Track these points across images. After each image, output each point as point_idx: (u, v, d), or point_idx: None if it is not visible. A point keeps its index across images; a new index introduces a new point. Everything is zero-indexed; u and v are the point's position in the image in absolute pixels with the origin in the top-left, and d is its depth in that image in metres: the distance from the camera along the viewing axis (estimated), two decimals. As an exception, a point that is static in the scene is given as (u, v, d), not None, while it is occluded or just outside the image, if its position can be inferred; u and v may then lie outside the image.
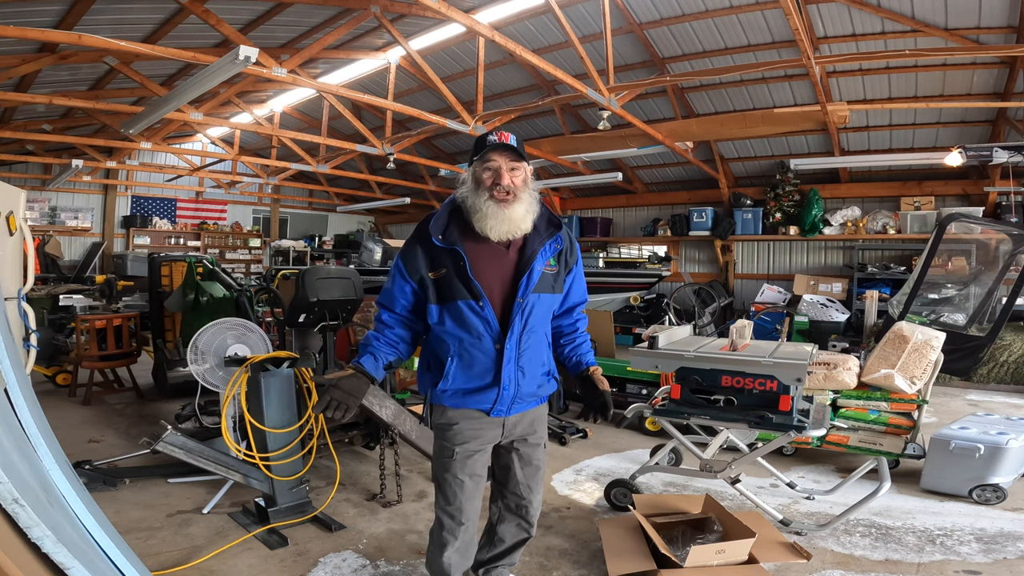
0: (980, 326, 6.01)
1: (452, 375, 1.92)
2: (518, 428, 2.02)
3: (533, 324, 1.91)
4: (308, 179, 13.14)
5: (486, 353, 1.89)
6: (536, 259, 1.89)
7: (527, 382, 1.95)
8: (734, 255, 9.92)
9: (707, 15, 6.39)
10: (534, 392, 1.99)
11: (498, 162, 1.86)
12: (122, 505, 3.21)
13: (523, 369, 1.92)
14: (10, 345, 1.26)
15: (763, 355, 2.78)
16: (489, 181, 1.86)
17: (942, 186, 8.20)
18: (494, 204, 1.83)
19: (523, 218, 1.87)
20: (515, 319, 1.87)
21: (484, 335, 1.87)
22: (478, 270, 1.86)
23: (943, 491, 3.47)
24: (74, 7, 5.08)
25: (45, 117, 8.45)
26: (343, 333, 5.33)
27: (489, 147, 1.85)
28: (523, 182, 1.89)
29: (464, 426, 1.96)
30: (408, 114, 6.75)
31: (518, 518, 2.14)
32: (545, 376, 2.03)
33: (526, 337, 1.91)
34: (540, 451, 2.11)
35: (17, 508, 0.78)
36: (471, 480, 1.98)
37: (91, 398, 5.42)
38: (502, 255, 1.90)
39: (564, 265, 1.99)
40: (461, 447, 1.95)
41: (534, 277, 1.88)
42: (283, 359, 3.16)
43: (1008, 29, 5.71)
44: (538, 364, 1.98)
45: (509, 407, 1.95)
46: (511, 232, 1.87)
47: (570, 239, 2.02)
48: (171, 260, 6.04)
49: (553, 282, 1.96)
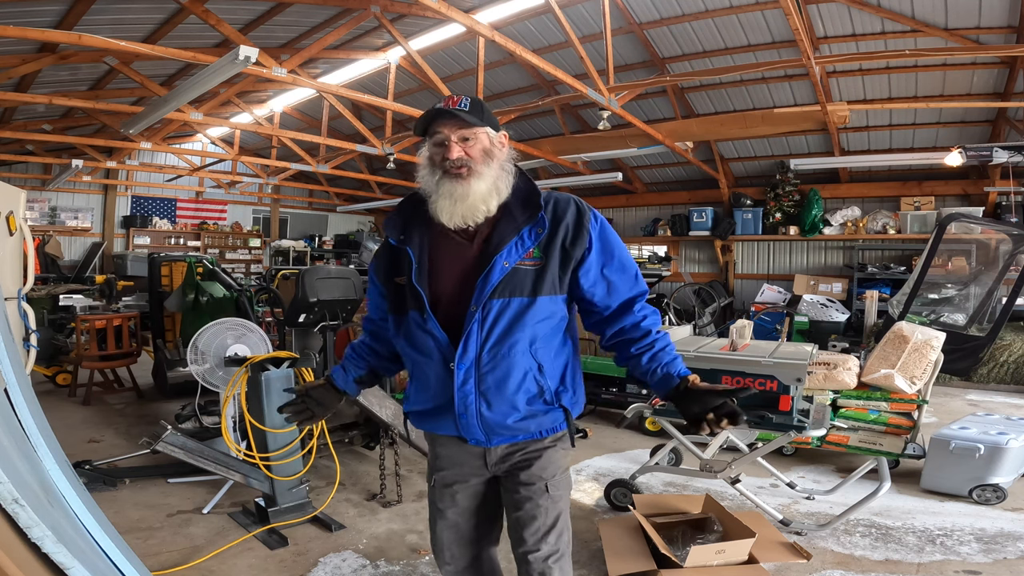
0: (980, 326, 6.01)
1: (412, 394, 1.64)
2: (507, 461, 1.60)
3: (502, 339, 1.47)
4: (308, 179, 13.14)
5: (436, 375, 1.53)
6: (501, 252, 1.46)
7: (497, 412, 1.51)
8: (734, 255, 9.91)
9: (707, 15, 6.39)
10: (514, 425, 1.53)
11: (444, 132, 1.47)
12: (122, 505, 3.21)
13: (486, 396, 1.50)
14: (10, 345, 1.26)
15: (763, 355, 2.79)
16: (439, 157, 1.49)
17: (942, 186, 8.20)
18: (447, 181, 1.47)
19: (484, 197, 1.47)
20: (470, 332, 1.46)
21: (433, 352, 1.51)
22: (436, 272, 1.52)
23: (943, 491, 3.47)
24: (74, 7, 5.07)
25: (45, 117, 8.45)
26: (343, 333, 5.33)
27: (432, 115, 1.48)
28: (482, 152, 1.49)
29: (439, 452, 1.67)
30: (408, 114, 6.75)
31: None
32: (536, 405, 1.53)
33: (492, 354, 1.48)
34: (538, 495, 1.57)
35: (17, 508, 0.78)
36: (453, 514, 1.64)
37: (91, 398, 5.43)
38: (464, 250, 1.52)
39: (561, 255, 1.52)
40: (438, 475, 1.66)
41: (493, 276, 1.46)
42: (283, 359, 3.16)
43: (1008, 29, 5.71)
44: (518, 389, 1.51)
45: (487, 436, 1.54)
46: (467, 214, 1.47)
47: (572, 219, 1.54)
48: (171, 260, 6.05)
49: (535, 280, 1.49)
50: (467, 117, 1.47)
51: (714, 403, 1.42)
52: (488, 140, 1.51)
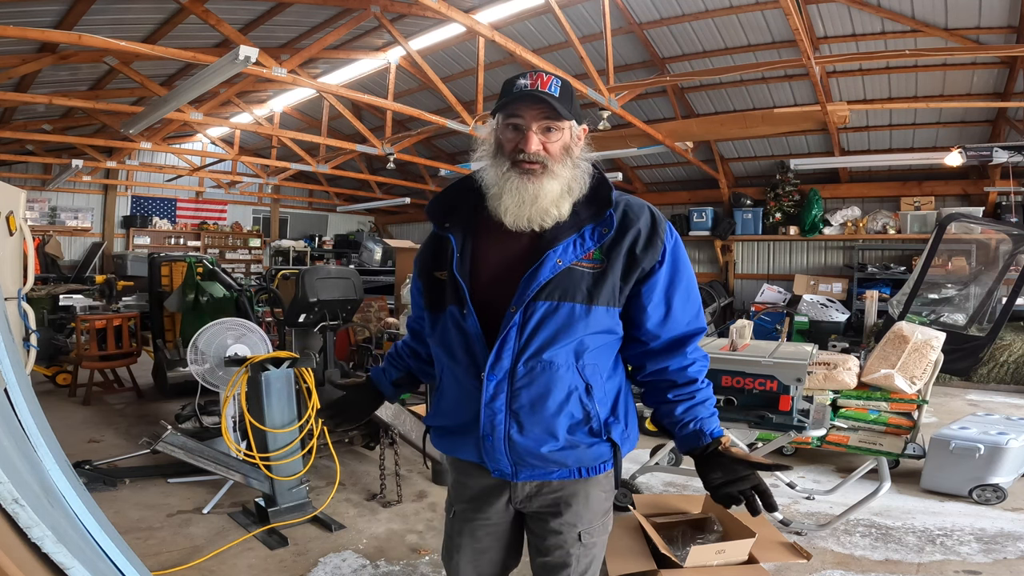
0: (980, 326, 6.02)
1: (435, 406, 1.43)
2: (535, 502, 1.35)
3: (544, 349, 1.24)
4: (308, 179, 13.14)
5: (463, 386, 1.31)
6: (556, 247, 1.24)
7: (529, 437, 1.26)
8: (734, 255, 9.92)
9: (707, 15, 6.39)
10: (549, 456, 1.28)
11: (526, 118, 1.25)
12: (122, 505, 3.21)
13: (518, 416, 1.26)
14: (10, 345, 1.26)
15: (763, 355, 2.78)
16: (511, 145, 1.26)
17: (942, 186, 8.20)
18: (516, 176, 1.25)
19: (556, 200, 1.26)
20: (505, 338, 1.24)
21: (464, 357, 1.29)
22: (478, 263, 1.31)
23: (943, 491, 3.47)
24: (74, 7, 5.08)
25: (45, 117, 8.45)
26: (343, 333, 5.33)
27: (515, 95, 1.24)
28: (562, 149, 1.27)
29: (458, 479, 1.44)
30: (408, 114, 6.75)
31: None
32: (579, 434, 1.28)
33: (529, 367, 1.24)
34: (569, 544, 1.34)
35: (17, 508, 0.78)
36: (470, 552, 1.42)
37: (91, 398, 5.43)
38: (512, 242, 1.30)
39: (626, 262, 1.27)
40: (459, 506, 1.43)
41: (542, 273, 1.23)
42: (283, 359, 3.16)
43: (1008, 29, 5.71)
44: (559, 412, 1.26)
45: (513, 468, 1.30)
46: (535, 218, 1.26)
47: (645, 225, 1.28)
48: (171, 260, 6.05)
49: (592, 286, 1.25)
50: (557, 106, 1.24)
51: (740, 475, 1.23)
52: (571, 135, 1.30)
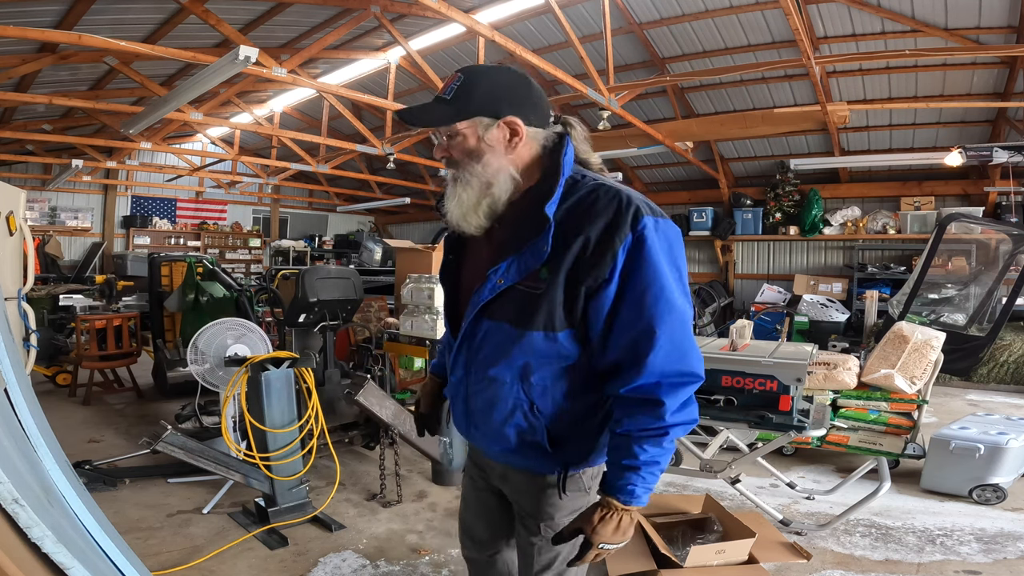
0: (980, 326, 6.01)
1: None
2: (505, 485, 1.42)
3: (488, 365, 1.24)
4: (308, 179, 13.13)
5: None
6: (499, 265, 1.20)
7: (485, 436, 1.33)
8: (734, 255, 9.92)
9: (707, 15, 6.39)
10: (502, 455, 1.35)
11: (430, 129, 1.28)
12: (122, 505, 3.21)
13: (474, 417, 1.32)
14: (10, 345, 1.26)
15: (763, 355, 2.78)
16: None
17: (942, 186, 8.19)
18: (450, 184, 1.27)
19: (473, 206, 1.22)
20: (459, 348, 1.31)
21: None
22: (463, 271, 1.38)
23: (943, 491, 3.47)
24: (74, 7, 5.08)
25: (45, 117, 8.45)
26: (343, 333, 5.33)
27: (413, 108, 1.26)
28: (464, 154, 1.21)
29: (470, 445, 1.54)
30: (408, 114, 6.75)
31: None
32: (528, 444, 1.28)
33: (478, 379, 1.27)
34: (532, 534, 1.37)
35: (17, 508, 0.78)
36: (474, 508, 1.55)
37: (91, 398, 5.43)
38: (481, 250, 1.30)
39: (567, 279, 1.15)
40: (469, 468, 1.56)
41: (482, 294, 1.22)
42: (283, 359, 3.16)
43: (1008, 29, 5.71)
44: (504, 423, 1.27)
45: (479, 442, 1.39)
46: (463, 222, 1.25)
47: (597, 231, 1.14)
48: (171, 260, 6.05)
49: (527, 309, 1.17)
50: (438, 111, 1.20)
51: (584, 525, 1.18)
52: (475, 137, 1.20)
